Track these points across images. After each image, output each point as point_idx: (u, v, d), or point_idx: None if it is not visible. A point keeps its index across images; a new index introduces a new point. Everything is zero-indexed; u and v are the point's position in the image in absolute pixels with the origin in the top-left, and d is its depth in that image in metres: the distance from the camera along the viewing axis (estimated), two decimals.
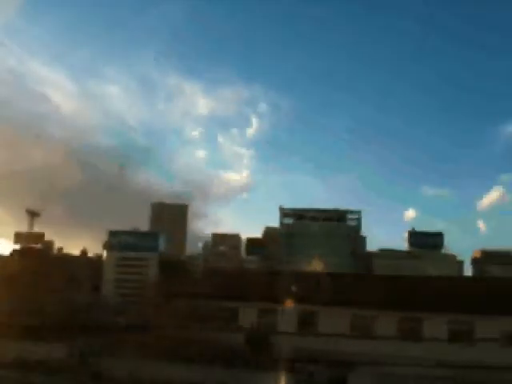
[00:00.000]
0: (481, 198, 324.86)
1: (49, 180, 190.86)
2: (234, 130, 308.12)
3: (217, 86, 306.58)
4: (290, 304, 35.83)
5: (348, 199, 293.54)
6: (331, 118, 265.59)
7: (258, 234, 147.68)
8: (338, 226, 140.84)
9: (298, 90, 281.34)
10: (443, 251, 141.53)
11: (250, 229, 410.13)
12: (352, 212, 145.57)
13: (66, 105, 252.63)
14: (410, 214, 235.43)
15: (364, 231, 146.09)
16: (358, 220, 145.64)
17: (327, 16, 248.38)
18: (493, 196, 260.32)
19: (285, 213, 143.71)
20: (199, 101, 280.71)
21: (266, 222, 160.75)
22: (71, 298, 53.60)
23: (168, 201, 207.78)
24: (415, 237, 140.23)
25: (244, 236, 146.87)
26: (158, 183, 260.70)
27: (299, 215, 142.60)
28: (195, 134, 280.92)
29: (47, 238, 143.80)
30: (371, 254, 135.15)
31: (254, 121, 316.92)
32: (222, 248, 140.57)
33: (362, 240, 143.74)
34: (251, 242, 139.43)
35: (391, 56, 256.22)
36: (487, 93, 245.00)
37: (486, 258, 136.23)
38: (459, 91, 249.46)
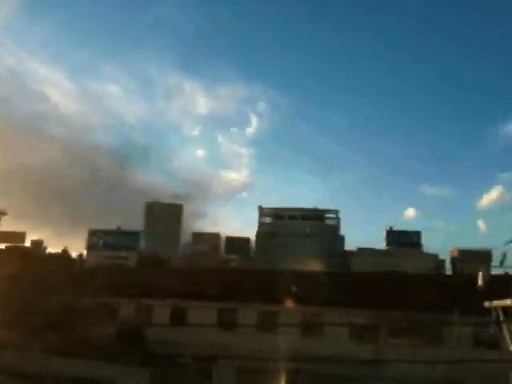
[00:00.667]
0: (481, 196, 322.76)
1: (47, 179, 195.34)
2: (234, 129, 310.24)
3: (216, 85, 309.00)
4: (162, 299, 38.59)
5: (348, 198, 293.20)
6: (331, 117, 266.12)
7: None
8: (315, 224, 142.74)
9: (298, 89, 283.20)
10: (424, 250, 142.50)
11: (250, 228, 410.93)
12: (330, 211, 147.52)
13: (65, 104, 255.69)
14: (410, 212, 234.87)
15: (343, 230, 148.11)
16: (337, 219, 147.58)
17: (327, 16, 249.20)
18: (493, 195, 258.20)
19: (264, 212, 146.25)
20: (199, 99, 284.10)
21: None
22: None
23: (167, 200, 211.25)
24: (393, 235, 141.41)
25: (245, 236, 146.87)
26: (158, 182, 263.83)
27: (278, 214, 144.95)
28: (195, 132, 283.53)
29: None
30: (349, 253, 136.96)
31: (254, 120, 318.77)
32: (201, 247, 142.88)
33: (341, 239, 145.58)
34: (230, 240, 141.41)
35: (391, 56, 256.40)
36: (487, 93, 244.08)
37: (463, 257, 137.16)
38: (459, 91, 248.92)
